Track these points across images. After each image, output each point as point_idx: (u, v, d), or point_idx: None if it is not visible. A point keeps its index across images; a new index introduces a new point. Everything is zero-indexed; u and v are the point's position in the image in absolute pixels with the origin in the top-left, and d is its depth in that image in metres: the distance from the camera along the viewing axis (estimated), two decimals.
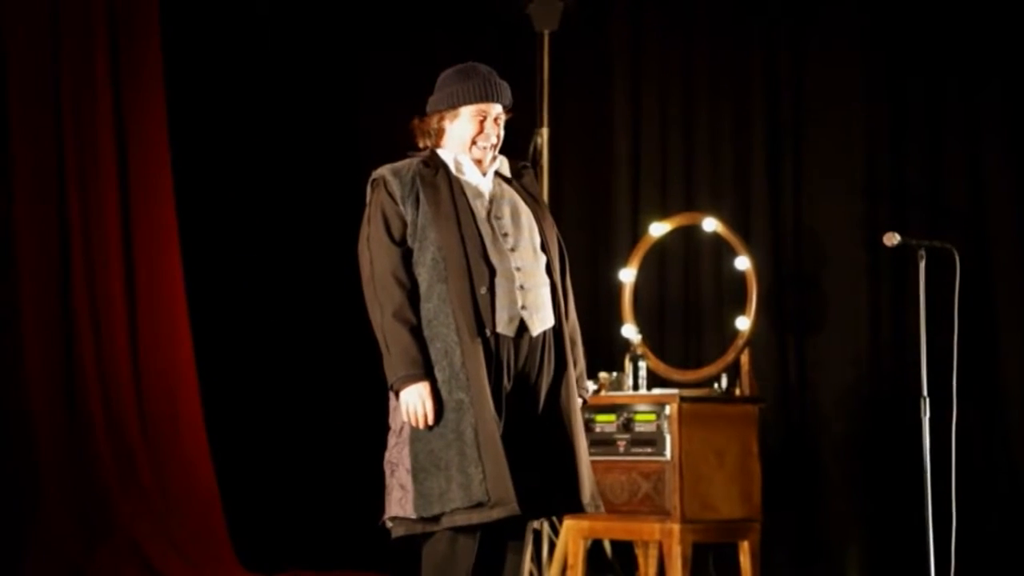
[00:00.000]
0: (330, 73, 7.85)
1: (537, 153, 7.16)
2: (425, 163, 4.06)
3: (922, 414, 4.86)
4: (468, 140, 4.06)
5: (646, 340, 6.70)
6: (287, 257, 7.74)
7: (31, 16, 6.92)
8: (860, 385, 6.70)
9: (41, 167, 6.95)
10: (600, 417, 6.19)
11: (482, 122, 4.06)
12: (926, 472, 4.83)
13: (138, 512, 6.88)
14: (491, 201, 4.04)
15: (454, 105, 4.07)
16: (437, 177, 4.03)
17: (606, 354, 6.98)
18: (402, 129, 4.37)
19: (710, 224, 6.65)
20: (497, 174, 4.12)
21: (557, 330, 4.02)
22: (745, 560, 6.12)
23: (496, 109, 4.08)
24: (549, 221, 4.13)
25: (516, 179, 4.15)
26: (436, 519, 3.88)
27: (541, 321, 3.99)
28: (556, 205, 7.40)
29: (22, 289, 6.84)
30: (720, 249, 6.85)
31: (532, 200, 4.12)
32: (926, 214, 6.58)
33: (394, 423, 4.01)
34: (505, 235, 4.00)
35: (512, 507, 3.84)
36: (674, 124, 7.34)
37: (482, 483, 3.83)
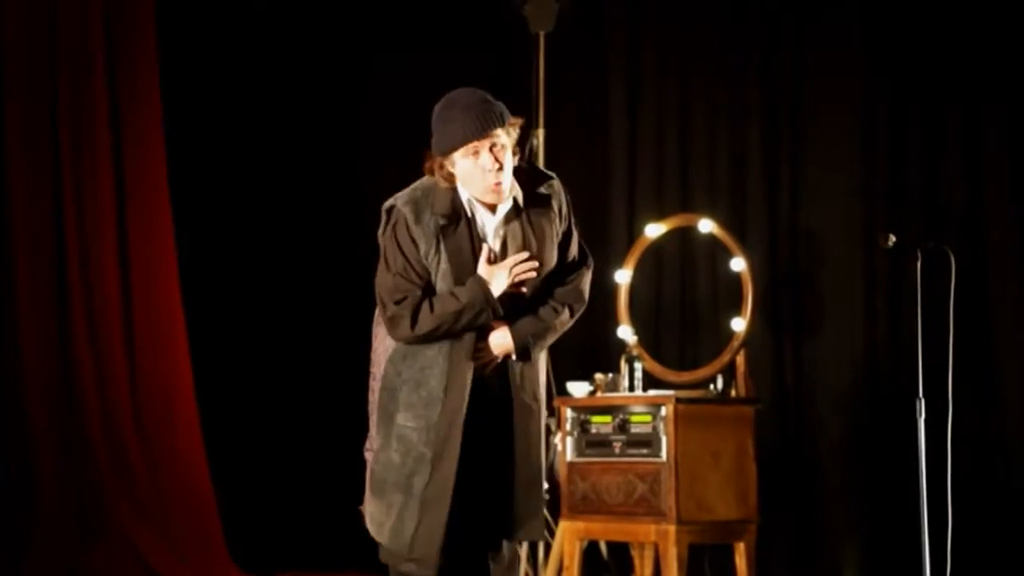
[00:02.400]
0: (326, 74, 7.84)
1: (533, 154, 7.16)
2: (446, 215, 3.97)
3: (918, 415, 4.87)
4: (476, 175, 3.92)
5: (642, 341, 6.70)
6: (284, 259, 7.74)
7: (28, 16, 6.92)
8: (856, 386, 6.70)
9: (37, 169, 6.95)
10: (596, 418, 6.19)
11: (476, 153, 3.90)
12: (921, 473, 4.83)
13: (134, 513, 6.88)
14: (501, 246, 4.01)
15: (444, 153, 3.92)
16: (458, 230, 3.98)
17: (602, 355, 6.98)
18: (397, 129, 4.37)
19: (706, 225, 6.64)
20: (516, 202, 4.02)
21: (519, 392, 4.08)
22: (741, 561, 6.12)
23: (486, 141, 3.89)
24: (549, 251, 4.06)
25: (528, 207, 4.03)
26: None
27: (497, 377, 4.05)
28: None
29: (18, 291, 6.84)
30: (716, 250, 6.85)
31: (534, 234, 4.03)
32: (922, 215, 6.58)
33: (372, 423, 4.11)
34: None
35: (430, 573, 3.96)
36: (670, 125, 7.34)
37: (412, 536, 3.94)
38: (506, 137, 3.93)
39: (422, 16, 7.78)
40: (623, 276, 6.78)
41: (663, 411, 5.99)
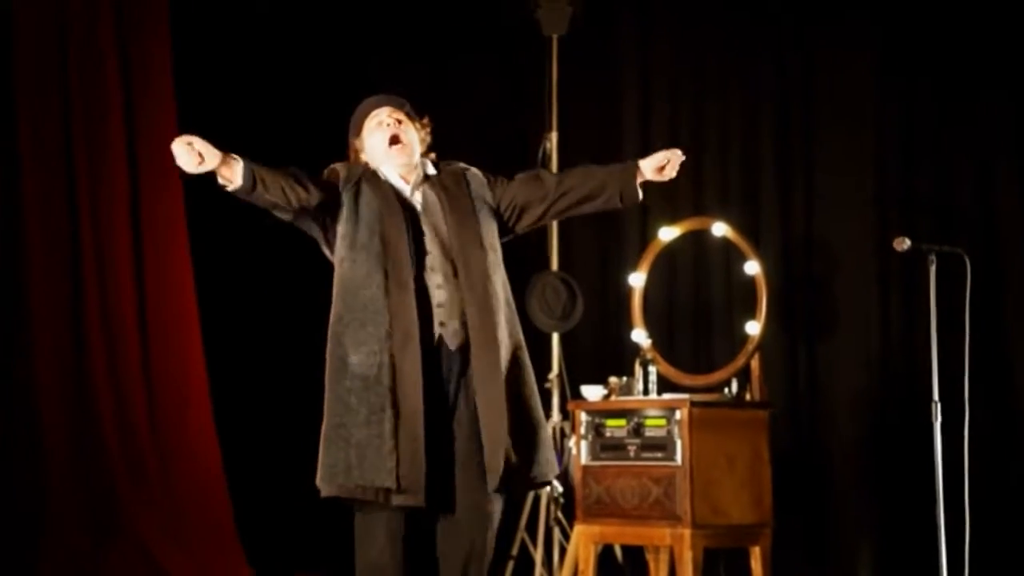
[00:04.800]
0: (341, 75, 7.84)
1: (546, 157, 7.16)
2: (368, 171, 4.32)
3: (933, 418, 4.86)
4: (379, 144, 4.29)
5: (656, 345, 6.69)
6: (297, 256, 7.72)
7: (39, 16, 6.93)
8: (871, 390, 6.69)
9: (50, 168, 6.96)
10: (610, 422, 6.19)
11: (380, 123, 4.30)
12: (937, 476, 4.83)
13: (147, 512, 6.89)
14: (419, 215, 4.25)
15: (357, 129, 4.35)
16: (379, 184, 4.27)
17: (616, 359, 6.98)
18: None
19: (720, 229, 6.64)
20: (427, 178, 4.31)
21: (477, 338, 4.16)
22: (756, 565, 6.12)
23: (385, 111, 4.32)
24: (475, 225, 4.26)
25: (445, 185, 4.30)
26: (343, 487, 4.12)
27: (453, 336, 4.16)
28: None
29: (32, 289, 6.85)
30: (730, 254, 6.84)
31: (457, 201, 4.26)
32: (936, 219, 6.56)
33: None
34: (427, 253, 4.20)
35: (419, 498, 4.04)
36: (683, 128, 7.33)
37: (393, 471, 4.03)
38: (409, 121, 4.32)
39: (434, 20, 7.78)
40: (637, 279, 6.78)
41: (677, 415, 5.98)
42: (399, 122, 4.31)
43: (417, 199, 4.27)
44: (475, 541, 4.18)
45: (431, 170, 4.34)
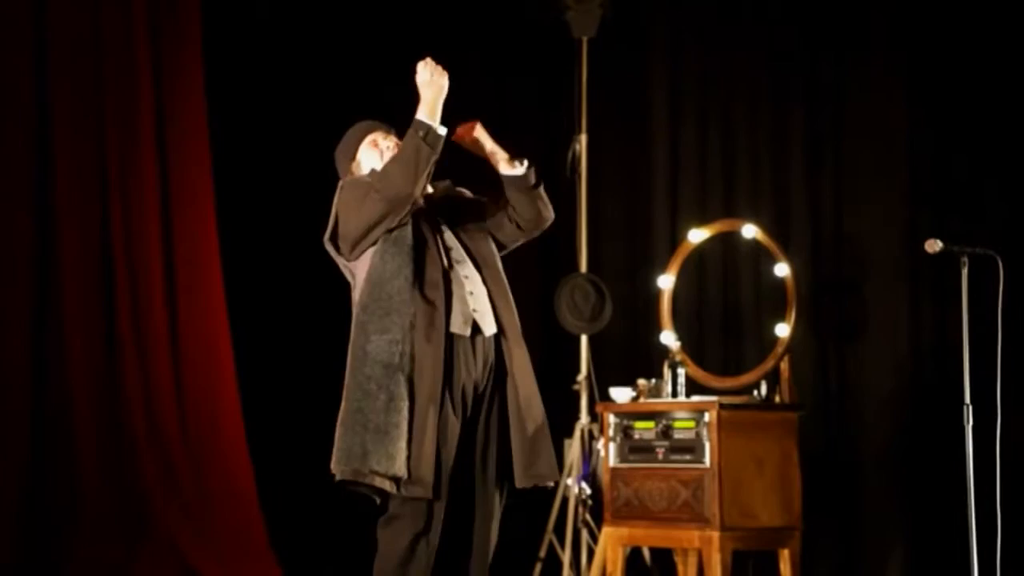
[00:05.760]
0: (369, 79, 7.85)
1: (576, 160, 7.16)
2: None
3: (964, 421, 4.83)
4: (379, 157, 4.40)
5: (685, 347, 6.67)
6: (327, 262, 7.73)
7: (73, 23, 6.97)
8: (901, 392, 6.66)
9: (83, 175, 6.99)
10: (639, 424, 6.17)
11: (375, 144, 4.44)
12: (969, 480, 4.80)
13: (178, 516, 6.91)
14: (434, 216, 4.37)
15: (352, 152, 4.48)
16: None
17: (645, 361, 6.97)
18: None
19: (749, 231, 6.62)
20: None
21: (498, 336, 4.27)
22: (785, 568, 6.09)
23: (381, 134, 4.46)
24: (478, 229, 4.39)
25: (441, 196, 4.45)
26: (360, 474, 4.12)
27: (489, 324, 4.25)
28: (594, 212, 7.39)
29: (65, 296, 6.88)
30: (759, 256, 6.82)
31: (459, 210, 4.41)
32: (968, 220, 6.52)
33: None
34: (449, 249, 4.30)
35: (427, 492, 4.08)
36: (713, 129, 7.31)
37: (407, 460, 4.06)
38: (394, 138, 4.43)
39: (463, 22, 7.78)
40: (666, 281, 6.76)
41: (706, 417, 5.96)
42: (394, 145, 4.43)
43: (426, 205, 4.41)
44: (488, 535, 4.26)
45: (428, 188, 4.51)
